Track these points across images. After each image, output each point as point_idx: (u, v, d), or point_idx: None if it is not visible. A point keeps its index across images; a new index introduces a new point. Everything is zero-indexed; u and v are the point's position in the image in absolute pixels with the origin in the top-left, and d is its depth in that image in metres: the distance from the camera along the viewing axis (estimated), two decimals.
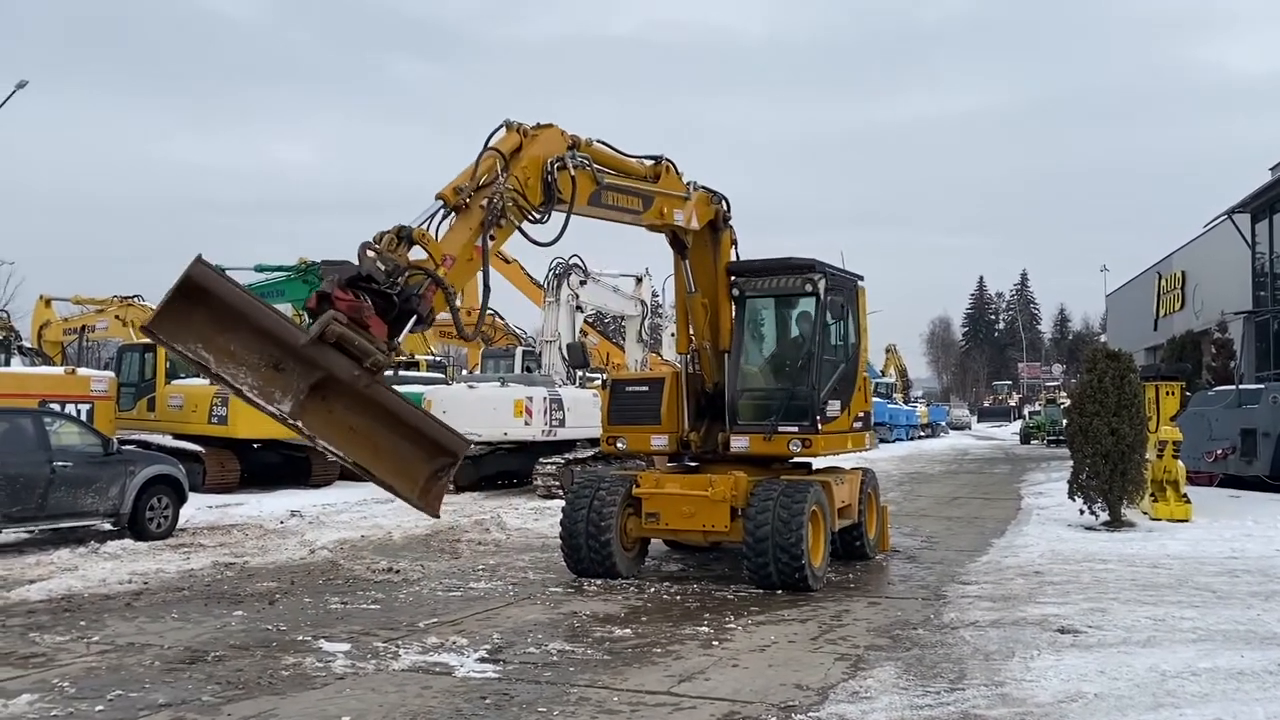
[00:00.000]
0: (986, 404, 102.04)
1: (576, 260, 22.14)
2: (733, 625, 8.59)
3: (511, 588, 10.40)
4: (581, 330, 24.85)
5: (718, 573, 11.33)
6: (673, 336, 18.66)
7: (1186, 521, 15.22)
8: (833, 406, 10.93)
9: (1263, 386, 20.89)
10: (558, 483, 19.25)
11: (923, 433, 58.67)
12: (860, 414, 11.75)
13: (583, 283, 22.34)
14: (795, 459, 11.17)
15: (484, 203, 7.88)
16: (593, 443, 19.84)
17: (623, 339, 29.75)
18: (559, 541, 10.94)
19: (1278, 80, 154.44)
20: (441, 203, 7.81)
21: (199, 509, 16.22)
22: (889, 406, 49.39)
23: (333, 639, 7.96)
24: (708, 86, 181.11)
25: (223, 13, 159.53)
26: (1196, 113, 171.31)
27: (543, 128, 8.87)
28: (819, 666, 7.27)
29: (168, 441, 19.30)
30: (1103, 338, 65.02)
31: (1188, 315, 37.07)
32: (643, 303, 26.05)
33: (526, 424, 19.96)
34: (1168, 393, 16.88)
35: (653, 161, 10.39)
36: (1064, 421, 21.98)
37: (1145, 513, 15.67)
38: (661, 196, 10.28)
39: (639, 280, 25.90)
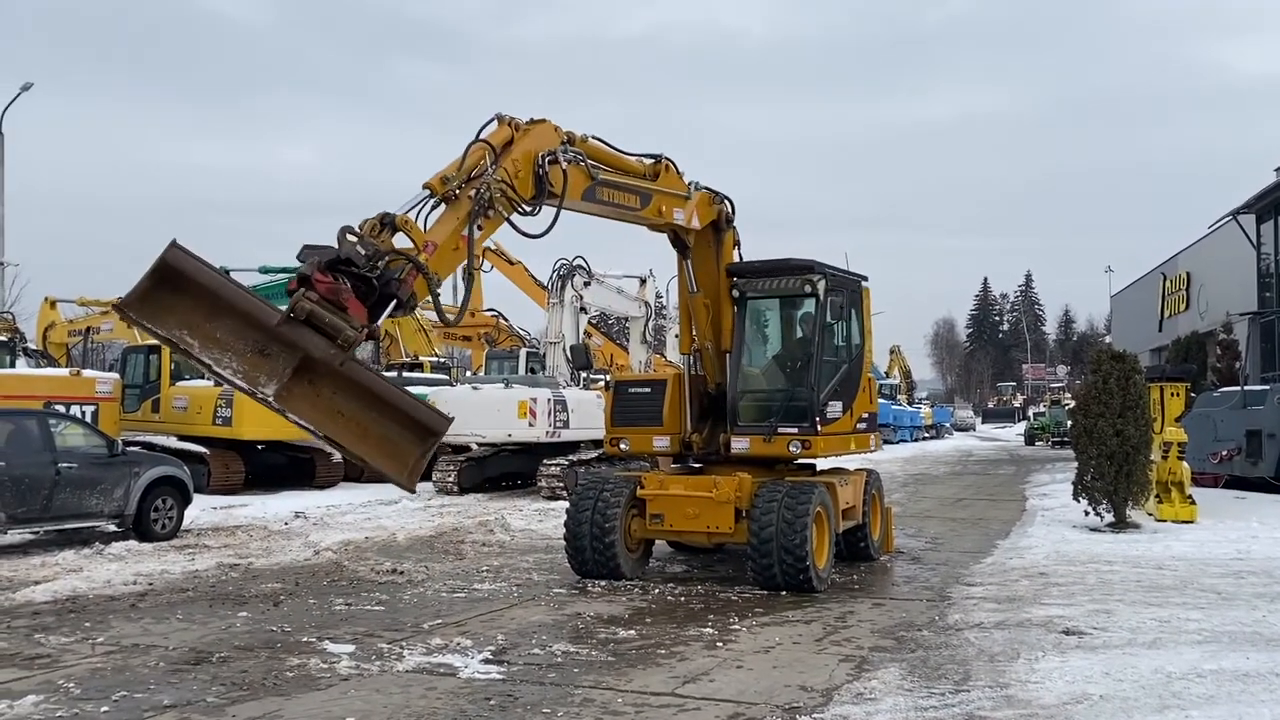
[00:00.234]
0: (991, 405, 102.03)
1: (581, 262, 22.13)
2: (737, 627, 8.58)
3: (516, 589, 10.40)
4: (585, 332, 24.84)
5: (722, 574, 11.33)
6: (677, 338, 18.66)
7: (1192, 523, 15.18)
8: (834, 408, 10.91)
9: (1268, 388, 20.87)
10: (562, 484, 19.25)
11: (927, 434, 58.65)
12: (864, 415, 11.72)
13: (587, 284, 22.33)
14: (800, 460, 11.17)
15: (472, 193, 7.93)
16: (597, 444, 19.84)
17: (627, 340, 29.74)
18: (563, 543, 10.94)
19: None
20: (428, 192, 7.86)
21: (203, 510, 16.26)
22: (893, 408, 49.34)
23: (337, 640, 7.96)
24: (712, 88, 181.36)
25: (224, 13, 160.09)
26: (1202, 114, 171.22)
27: (536, 122, 8.89)
28: (823, 668, 7.27)
29: (172, 443, 19.36)
30: (1107, 339, 64.93)
31: (1193, 316, 37.00)
32: (647, 304, 26.04)
33: (531, 425, 19.98)
34: (1173, 394, 16.86)
35: (652, 160, 10.39)
36: (1069, 423, 22.00)
37: (1150, 514, 15.65)
38: (660, 195, 10.27)
39: (643, 281, 25.89)
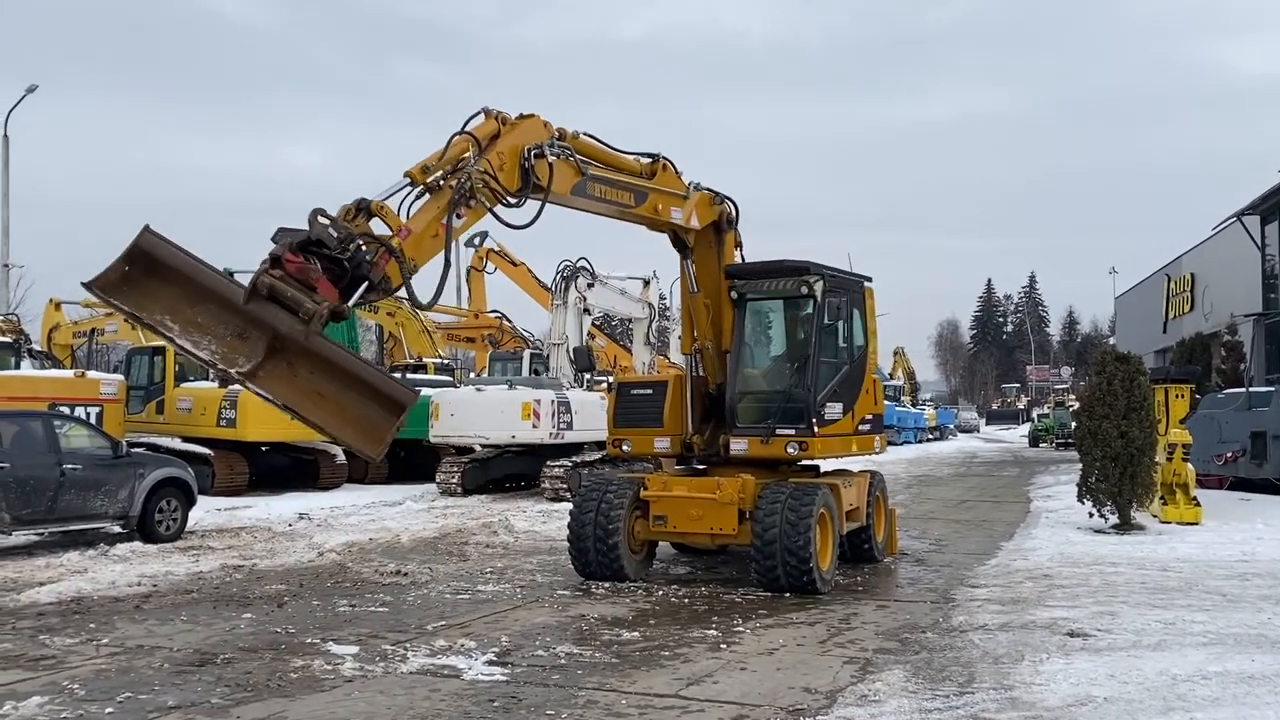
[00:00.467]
0: (995, 407, 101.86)
1: (584, 263, 22.11)
2: (741, 628, 8.58)
3: (519, 590, 10.40)
4: (589, 333, 24.84)
5: (725, 575, 11.32)
6: (680, 339, 18.65)
7: (1196, 524, 15.16)
8: (833, 409, 10.88)
9: (1272, 389, 20.82)
10: (565, 485, 19.25)
11: (931, 435, 58.60)
12: (868, 416, 11.70)
13: (590, 285, 22.30)
14: (803, 461, 11.16)
15: (455, 183, 8.00)
16: (600, 446, 19.86)
17: (630, 342, 29.74)
18: (566, 544, 10.93)
19: None
20: (408, 180, 7.91)
21: (208, 511, 16.28)
22: (897, 409, 49.32)
23: (341, 641, 7.97)
24: (715, 89, 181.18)
25: (222, 13, 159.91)
26: (1206, 114, 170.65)
27: (525, 117, 8.95)
28: (827, 670, 7.26)
29: (176, 444, 19.41)
30: (1111, 340, 64.90)
31: (1197, 317, 36.93)
32: (650, 305, 26.02)
33: (534, 427, 19.97)
34: (1177, 395, 16.85)
35: (650, 159, 10.42)
36: (1073, 424, 21.96)
37: (1155, 516, 15.62)
38: (656, 193, 10.30)
39: (646, 283, 25.86)
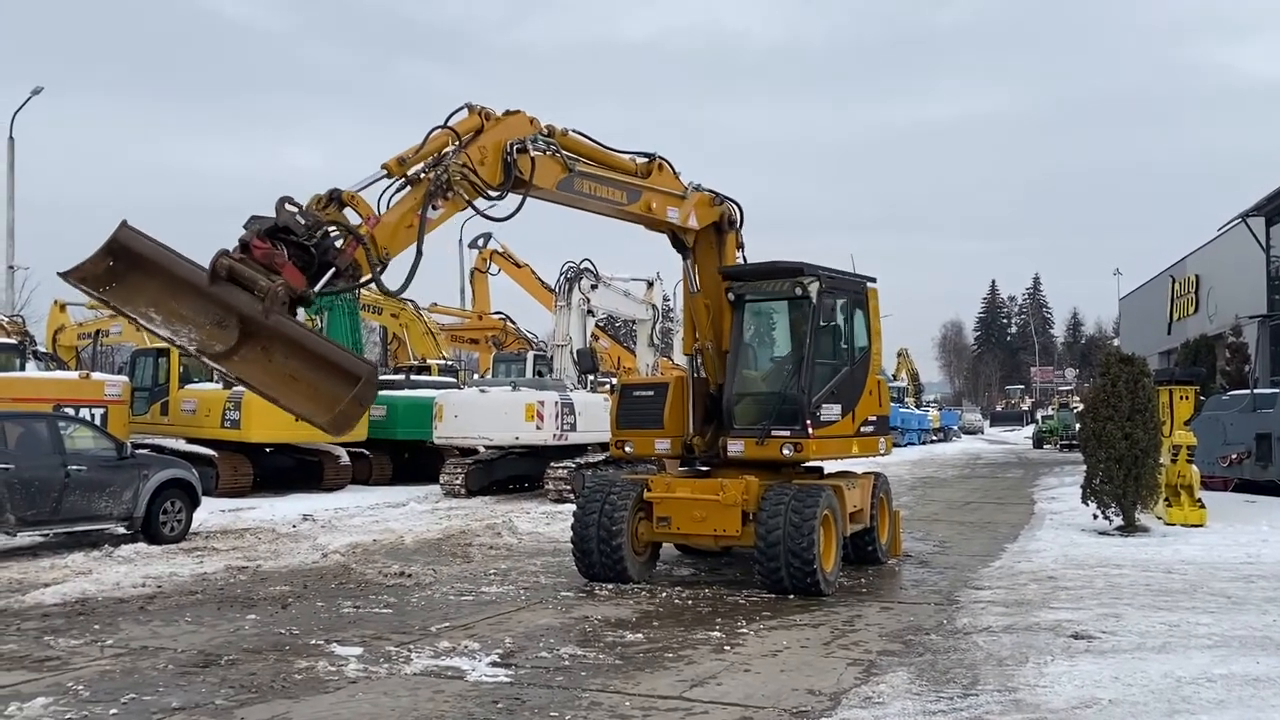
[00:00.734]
0: (999, 408, 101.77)
1: (588, 264, 22.14)
2: (744, 630, 8.57)
3: (523, 592, 10.41)
4: (593, 334, 24.85)
5: (729, 577, 11.32)
6: (683, 340, 18.65)
7: (1201, 526, 15.14)
8: (830, 410, 10.84)
9: (1277, 391, 20.80)
10: (569, 487, 19.26)
11: (935, 437, 58.56)
12: (871, 418, 11.67)
13: (594, 287, 22.31)
14: (808, 463, 11.16)
15: (432, 175, 8.06)
16: (604, 447, 19.86)
17: (634, 343, 29.74)
18: (570, 546, 10.93)
19: None
20: (385, 171, 7.97)
21: (212, 513, 16.31)
22: (901, 410, 49.30)
23: (345, 643, 7.98)
24: (716, 90, 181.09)
25: (223, 13, 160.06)
26: (1210, 116, 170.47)
27: (510, 113, 8.99)
28: (831, 671, 7.26)
29: (181, 445, 19.43)
30: (1116, 342, 64.82)
31: (1201, 319, 36.88)
32: (654, 307, 26.03)
33: (538, 428, 19.97)
34: (1182, 397, 16.81)
35: (646, 159, 10.44)
36: (1077, 426, 21.92)
37: (1159, 518, 15.60)
38: (651, 192, 10.32)
39: (650, 284, 25.85)
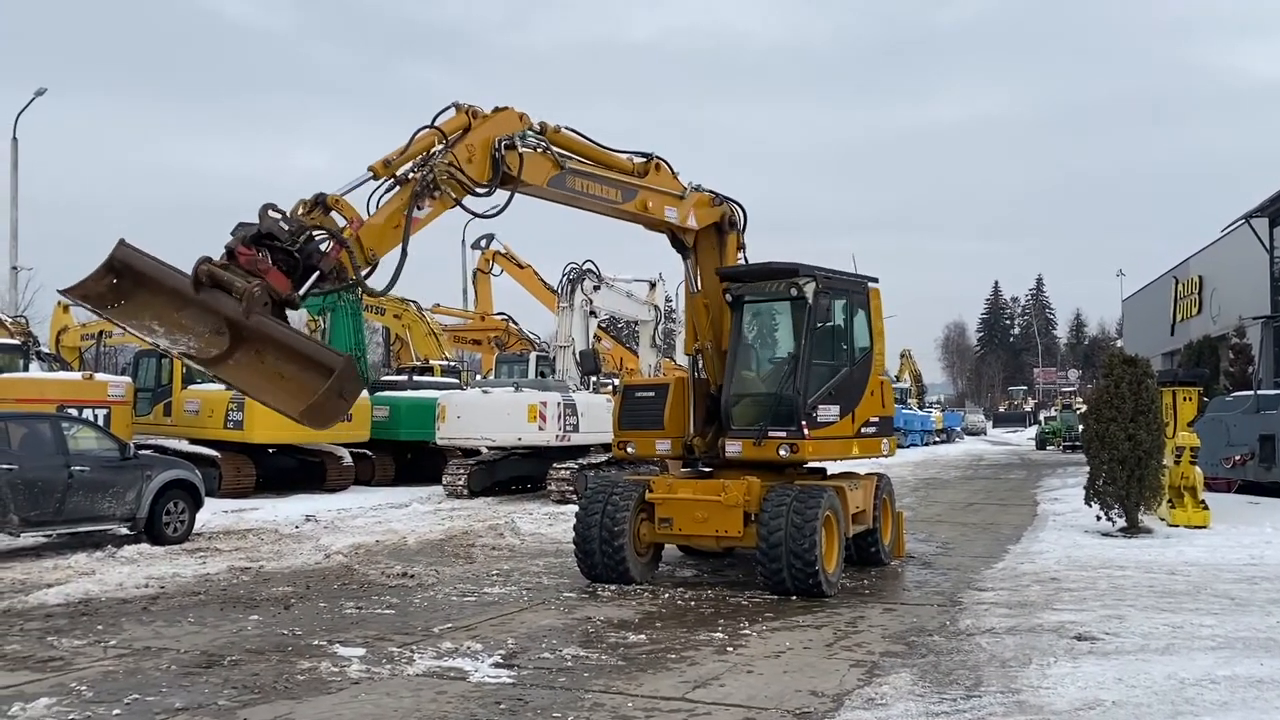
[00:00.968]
0: (1002, 409, 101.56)
1: (590, 265, 22.16)
2: (747, 631, 8.57)
3: (526, 593, 10.41)
4: (595, 335, 24.85)
5: (732, 578, 11.32)
6: (684, 340, 18.67)
7: (1204, 528, 15.10)
8: (827, 411, 10.82)
9: None
10: (571, 488, 19.26)
11: (938, 438, 58.47)
12: (873, 419, 11.64)
13: (596, 288, 22.33)
14: (809, 464, 11.15)
15: (419, 175, 8.13)
16: (606, 448, 19.85)
17: (637, 344, 29.74)
18: (573, 547, 10.94)
19: None
20: (371, 173, 8.05)
21: (215, 513, 16.31)
22: (903, 412, 49.22)
23: (348, 644, 7.98)
24: (720, 91, 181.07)
25: (223, 13, 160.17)
26: (1214, 116, 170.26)
27: (499, 110, 9.02)
28: (834, 673, 7.25)
29: (184, 446, 19.44)
30: (1119, 343, 64.73)
31: (1205, 320, 36.81)
32: (656, 308, 26.04)
33: (540, 429, 19.99)
34: (1185, 398, 16.79)
35: (644, 159, 10.45)
36: (1080, 427, 21.88)
37: (1163, 519, 15.58)
38: (647, 191, 10.33)
39: (652, 285, 25.87)
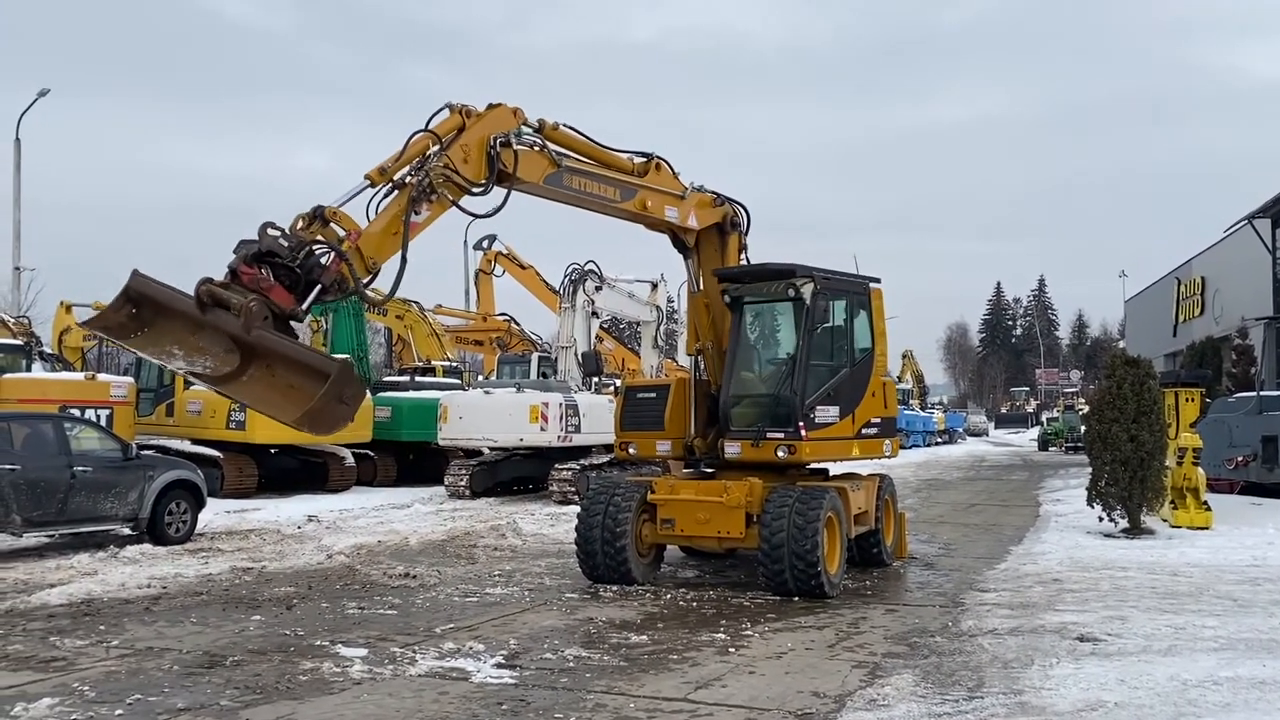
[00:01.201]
0: (1004, 410, 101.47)
1: (592, 266, 22.16)
2: (749, 632, 8.57)
3: (528, 593, 10.41)
4: (597, 336, 24.85)
5: (733, 579, 11.31)
6: (686, 341, 18.68)
7: (1207, 529, 15.09)
8: (826, 412, 10.81)
9: None
10: (573, 489, 19.27)
11: (940, 439, 58.44)
12: (875, 420, 11.61)
13: (598, 288, 22.33)
14: (811, 465, 11.14)
15: (415, 179, 8.17)
16: (608, 449, 19.84)
17: (639, 345, 29.75)
18: (575, 547, 10.94)
19: None
20: (368, 181, 8.09)
21: (217, 514, 16.32)
22: (905, 412, 49.18)
23: (350, 644, 7.99)
24: (721, 91, 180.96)
25: (224, 13, 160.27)
26: (1214, 116, 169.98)
27: (492, 108, 9.03)
28: (836, 674, 7.25)
29: (186, 446, 19.45)
30: (1121, 344, 64.69)
31: (1207, 321, 36.80)
32: (658, 308, 26.04)
33: (542, 430, 19.99)
34: (1187, 399, 16.76)
35: (644, 159, 10.46)
36: (1082, 428, 21.88)
37: (1165, 520, 15.56)
38: (646, 190, 10.35)
39: (654, 286, 25.88)
